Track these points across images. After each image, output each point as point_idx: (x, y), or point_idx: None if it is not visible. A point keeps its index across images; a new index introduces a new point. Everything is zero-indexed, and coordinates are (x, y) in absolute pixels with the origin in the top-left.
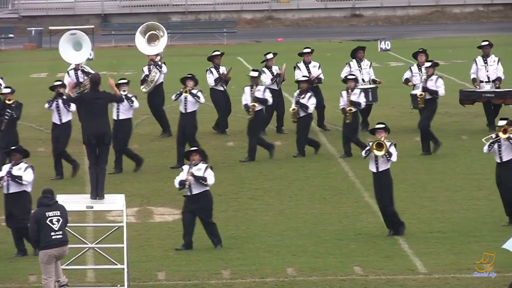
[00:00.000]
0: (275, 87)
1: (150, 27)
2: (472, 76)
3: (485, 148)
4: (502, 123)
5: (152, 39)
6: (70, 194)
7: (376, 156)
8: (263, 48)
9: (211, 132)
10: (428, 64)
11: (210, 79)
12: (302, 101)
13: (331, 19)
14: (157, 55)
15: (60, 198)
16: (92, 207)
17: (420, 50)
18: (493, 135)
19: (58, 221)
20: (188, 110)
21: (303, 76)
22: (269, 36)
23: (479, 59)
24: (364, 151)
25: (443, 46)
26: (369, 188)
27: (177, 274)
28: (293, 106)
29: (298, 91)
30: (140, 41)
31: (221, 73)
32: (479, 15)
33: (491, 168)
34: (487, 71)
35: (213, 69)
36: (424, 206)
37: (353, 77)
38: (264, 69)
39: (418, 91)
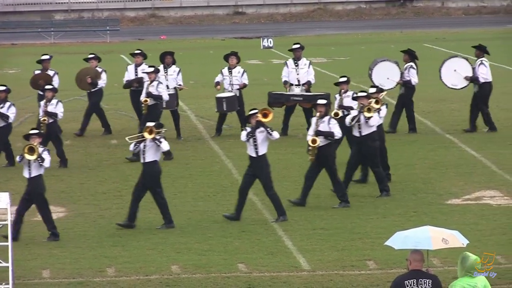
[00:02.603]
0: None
1: None
2: (284, 78)
3: (131, 147)
4: (149, 124)
5: None
6: None
7: (29, 161)
8: (146, 46)
9: (95, 129)
10: (150, 69)
11: None
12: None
13: (214, 16)
14: None
15: None
16: None
17: (231, 52)
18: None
19: None
20: None
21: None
22: (153, 34)
23: (290, 62)
24: (18, 157)
25: (325, 44)
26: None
27: (61, 272)
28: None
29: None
30: None
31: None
32: (361, 13)
33: None
34: (298, 74)
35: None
36: (307, 203)
37: (51, 87)
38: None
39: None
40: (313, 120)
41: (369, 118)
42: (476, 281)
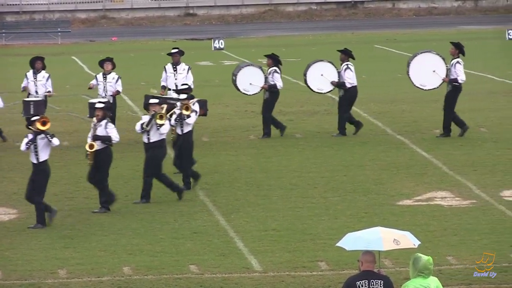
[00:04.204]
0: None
1: None
2: (162, 83)
3: None
4: None
5: None
6: None
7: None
8: (97, 47)
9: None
10: None
11: None
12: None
13: (165, 18)
14: None
15: None
16: None
17: (107, 58)
18: None
19: None
20: None
21: None
22: (104, 35)
23: (169, 67)
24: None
25: (276, 45)
26: (204, 187)
27: (13, 274)
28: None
29: None
30: None
31: None
32: (312, 14)
33: (326, 166)
34: (176, 79)
35: None
36: (258, 204)
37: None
38: None
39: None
40: (92, 124)
41: (160, 125)
42: (429, 281)
